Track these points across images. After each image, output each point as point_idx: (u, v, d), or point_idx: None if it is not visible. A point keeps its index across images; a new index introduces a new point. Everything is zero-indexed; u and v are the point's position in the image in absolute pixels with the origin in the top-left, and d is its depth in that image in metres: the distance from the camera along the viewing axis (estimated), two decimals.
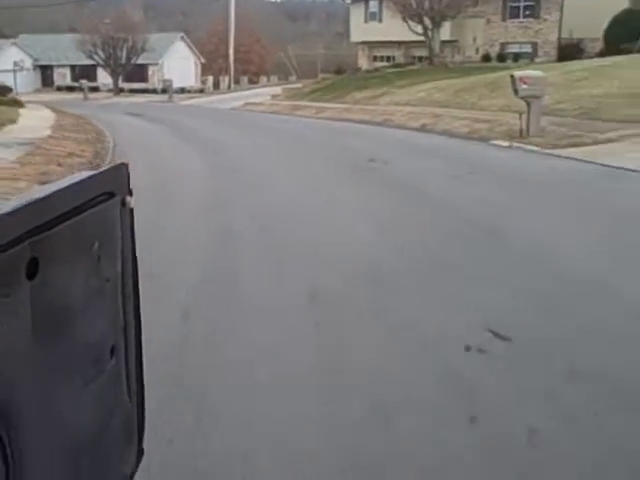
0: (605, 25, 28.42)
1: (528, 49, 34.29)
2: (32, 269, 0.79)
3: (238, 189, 9.01)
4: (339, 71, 42.68)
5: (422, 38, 32.43)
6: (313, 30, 77.55)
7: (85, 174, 0.93)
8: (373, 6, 40.42)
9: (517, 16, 35.00)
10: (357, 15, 41.93)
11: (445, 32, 32.95)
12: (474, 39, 36.58)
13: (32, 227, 0.78)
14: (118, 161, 1.03)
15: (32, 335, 0.79)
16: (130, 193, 1.01)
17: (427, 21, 30.75)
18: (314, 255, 5.67)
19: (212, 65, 60.55)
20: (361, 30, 41.38)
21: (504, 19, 35.32)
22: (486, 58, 34.56)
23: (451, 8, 30.63)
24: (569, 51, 31.13)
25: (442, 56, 32.94)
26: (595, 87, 17.35)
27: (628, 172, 9.18)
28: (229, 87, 45.30)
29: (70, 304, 0.89)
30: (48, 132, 13.66)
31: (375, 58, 41.78)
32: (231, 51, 44.80)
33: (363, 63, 42.19)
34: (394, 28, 34.85)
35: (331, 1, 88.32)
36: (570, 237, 6.17)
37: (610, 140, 11.95)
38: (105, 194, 0.95)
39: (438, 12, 30.29)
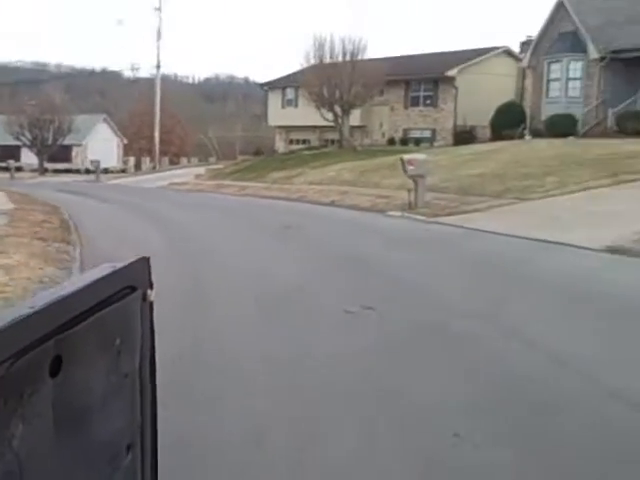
0: (491, 114, 32.69)
1: (428, 134, 38.46)
2: (55, 367, 0.79)
3: (190, 249, 11.63)
4: (257, 152, 46.05)
5: (333, 124, 36.13)
6: (231, 111, 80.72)
7: (108, 267, 0.96)
8: (290, 93, 44.27)
9: (418, 105, 39.32)
10: (275, 101, 45.70)
11: (355, 118, 36.77)
12: (380, 125, 40.66)
13: (58, 325, 0.80)
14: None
15: (53, 434, 0.79)
16: (151, 286, 1.04)
17: (337, 109, 34.46)
18: (246, 275, 8.35)
19: (133, 146, 63.03)
20: (278, 115, 45.07)
21: (406, 107, 39.57)
22: (391, 142, 38.51)
23: (359, 98, 34.49)
24: (463, 137, 35.23)
25: (352, 140, 36.65)
26: (475, 168, 20.90)
27: (480, 232, 12.32)
28: (154, 167, 47.89)
29: (90, 402, 0.88)
30: (12, 205, 15.92)
31: (291, 141, 45.41)
32: (157, 133, 47.59)
33: (280, 145, 45.74)
34: (309, 114, 38.50)
35: (247, 82, 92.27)
36: (424, 264, 9.08)
37: (476, 210, 15.21)
38: (127, 288, 0.97)
39: (347, 101, 34.10)
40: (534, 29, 36.83)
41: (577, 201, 14.94)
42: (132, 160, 56.42)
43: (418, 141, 37.52)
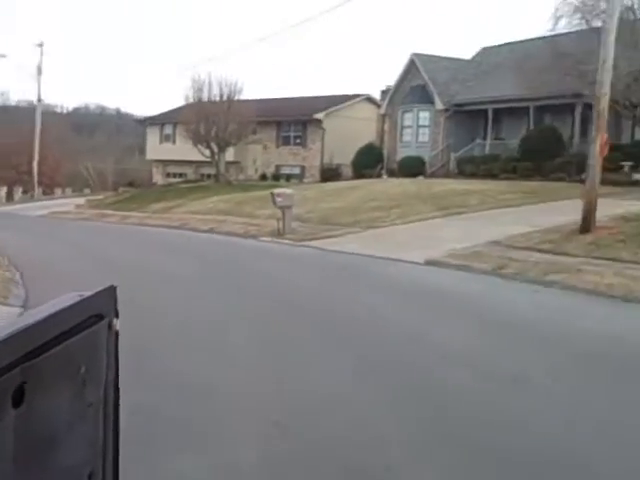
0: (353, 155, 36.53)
1: (298, 171, 41.93)
2: (19, 397, 0.79)
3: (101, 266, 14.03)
4: (132, 184, 47.91)
5: (210, 159, 38.86)
6: (102, 142, 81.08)
7: (75, 296, 0.97)
8: (168, 129, 46.68)
9: (288, 144, 42.83)
10: (153, 136, 47.93)
11: (230, 154, 39.68)
12: (254, 161, 43.80)
13: (23, 353, 0.79)
14: None
15: (12, 464, 0.78)
16: (117, 315, 1.05)
17: (214, 146, 37.27)
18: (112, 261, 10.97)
19: (3, 175, 62.65)
20: (156, 149, 47.31)
21: (278, 146, 42.99)
22: (263, 177, 41.67)
23: (234, 136, 37.47)
24: (329, 174, 38.84)
25: (227, 175, 39.50)
26: (335, 202, 24.29)
27: (335, 252, 15.50)
28: (31, 197, 48.69)
29: (53, 431, 0.88)
30: None
31: (169, 174, 47.70)
32: (35, 163, 48.59)
33: (158, 178, 47.91)
34: (186, 149, 41.03)
35: (119, 113, 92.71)
36: (286, 269, 12.07)
37: (333, 236, 18.43)
38: (94, 316, 0.97)
39: (223, 139, 37.00)
40: (392, 79, 41.28)
41: (414, 229, 18.47)
42: (4, 189, 56.49)
43: (289, 177, 40.83)
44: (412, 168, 31.66)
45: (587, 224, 14.24)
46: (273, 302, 9.22)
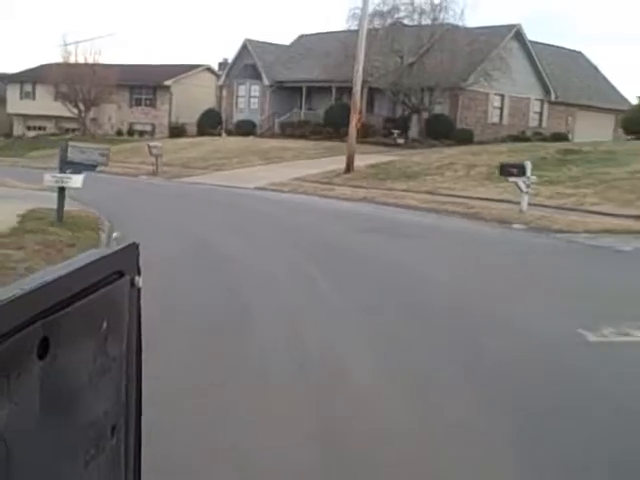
0: (197, 116, 45.44)
1: (149, 128, 50.14)
2: (43, 349, 0.81)
3: None
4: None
5: (69, 114, 46.15)
6: None
7: (96, 253, 1.00)
8: (27, 87, 52.96)
9: (140, 105, 50.84)
10: (13, 92, 53.92)
11: (93, 112, 47.22)
12: (109, 118, 51.37)
13: (45, 308, 0.82)
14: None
15: (39, 416, 0.81)
16: (139, 272, 1.07)
17: (80, 105, 44.78)
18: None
19: None
20: (17, 104, 53.42)
21: (131, 106, 50.87)
22: (119, 133, 49.49)
23: (97, 97, 45.15)
24: (176, 131, 47.42)
25: (90, 130, 47.10)
26: (188, 153, 33.51)
27: (196, 184, 24.92)
28: None
29: (77, 383, 0.91)
30: None
31: (29, 127, 54.01)
32: None
33: (19, 130, 54.10)
34: (46, 105, 47.95)
35: None
36: (164, 193, 21.43)
37: (192, 175, 27.71)
38: (115, 273, 1.00)
39: (89, 99, 44.60)
40: (228, 54, 50.56)
41: (247, 171, 28.15)
42: None
43: (141, 133, 48.94)
44: (246, 129, 41.24)
45: (348, 168, 24.64)
46: (165, 200, 18.44)
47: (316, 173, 25.78)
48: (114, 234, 19.44)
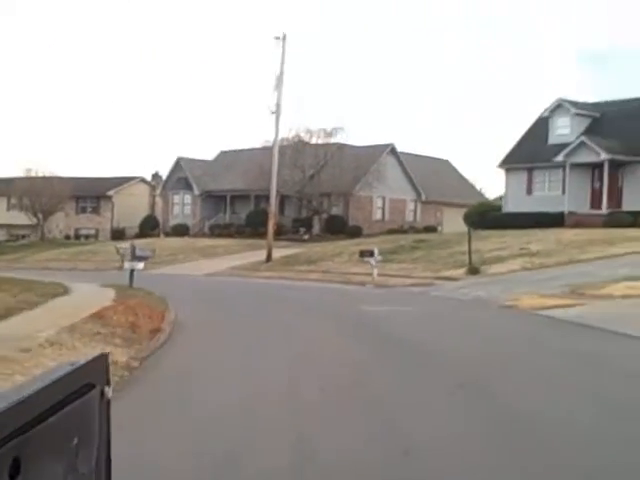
0: (140, 219, 55.50)
1: (93, 232, 59.83)
2: (14, 469, 0.80)
3: None
4: None
5: (20, 222, 55.43)
6: None
7: (67, 366, 0.99)
8: None
9: (85, 212, 60.64)
10: None
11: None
12: (57, 225, 60.78)
13: (16, 427, 0.80)
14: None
15: None
16: (108, 383, 1.06)
17: (39, 214, 54.34)
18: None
19: None
20: None
21: (77, 213, 60.57)
22: (67, 237, 58.94)
23: (53, 207, 54.83)
24: (118, 234, 57.14)
25: (45, 235, 56.46)
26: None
27: (163, 274, 35.01)
28: None
29: None
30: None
31: None
32: None
33: None
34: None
35: None
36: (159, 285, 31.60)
37: (154, 268, 37.75)
38: (85, 386, 0.99)
39: (47, 210, 54.24)
40: (162, 168, 61.89)
41: (195, 264, 38.30)
42: None
43: (87, 237, 58.56)
44: (181, 231, 51.63)
45: (268, 259, 35.32)
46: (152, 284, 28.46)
47: (245, 263, 36.31)
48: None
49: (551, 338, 13.41)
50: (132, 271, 20.91)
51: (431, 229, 49.78)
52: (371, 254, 25.85)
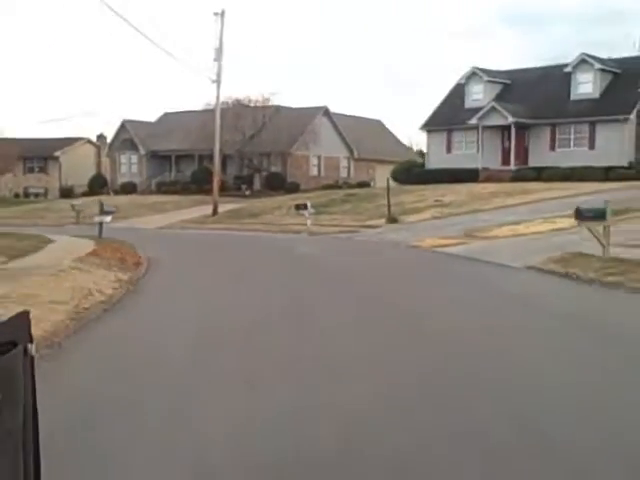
0: (89, 177, 58.59)
1: (42, 190, 62.64)
2: None
3: None
4: None
5: None
6: None
7: None
8: None
9: (33, 172, 63.33)
10: None
11: None
12: (6, 184, 63.33)
13: None
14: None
15: None
16: (31, 340, 1.06)
17: None
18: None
19: None
20: None
21: (24, 173, 63.20)
22: (17, 196, 61.64)
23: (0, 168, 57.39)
24: (66, 192, 60.17)
25: None
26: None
27: (118, 228, 38.88)
28: None
29: None
30: None
31: None
32: None
33: None
34: None
35: None
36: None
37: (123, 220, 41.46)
38: (8, 343, 0.99)
39: None
40: (107, 130, 65.06)
41: (147, 218, 42.07)
42: None
43: (36, 195, 61.37)
44: (129, 189, 55.07)
45: (214, 213, 39.41)
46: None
47: (193, 217, 40.30)
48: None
49: (438, 264, 18.30)
50: (101, 224, 24.83)
51: (364, 184, 54.27)
52: (305, 207, 30.22)
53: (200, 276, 15.55)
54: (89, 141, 65.80)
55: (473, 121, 42.03)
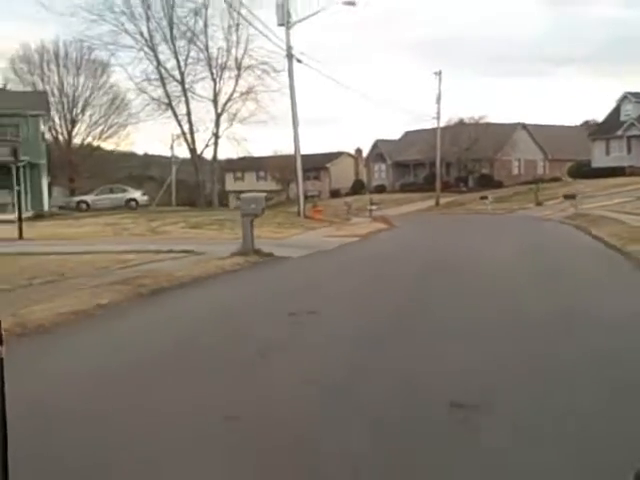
0: (349, 182, 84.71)
1: (316, 193, 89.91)
2: None
3: None
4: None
5: (267, 189, 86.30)
6: None
7: None
8: (238, 174, 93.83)
9: (310, 179, 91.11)
10: (229, 177, 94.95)
11: (269, 185, 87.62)
12: (292, 189, 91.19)
13: None
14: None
15: None
16: (1, 342, 0.83)
17: (284, 183, 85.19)
18: None
19: None
20: (231, 185, 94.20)
21: (304, 181, 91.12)
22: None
23: (290, 177, 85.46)
24: (335, 193, 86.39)
25: (289, 197, 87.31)
26: (360, 203, 72.73)
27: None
28: None
29: None
30: None
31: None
32: None
33: (233, 202, 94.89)
34: (252, 184, 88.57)
35: None
36: None
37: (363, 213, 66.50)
38: None
39: (282, 179, 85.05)
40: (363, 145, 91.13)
41: (392, 209, 66.51)
42: None
43: (312, 196, 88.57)
44: (380, 189, 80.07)
45: (437, 204, 62.84)
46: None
47: (422, 207, 63.84)
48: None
49: (545, 224, 40.72)
50: (371, 210, 49.41)
51: (556, 179, 74.83)
52: (486, 197, 52.80)
53: (422, 230, 38.93)
54: (349, 154, 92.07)
55: (619, 132, 61.79)
